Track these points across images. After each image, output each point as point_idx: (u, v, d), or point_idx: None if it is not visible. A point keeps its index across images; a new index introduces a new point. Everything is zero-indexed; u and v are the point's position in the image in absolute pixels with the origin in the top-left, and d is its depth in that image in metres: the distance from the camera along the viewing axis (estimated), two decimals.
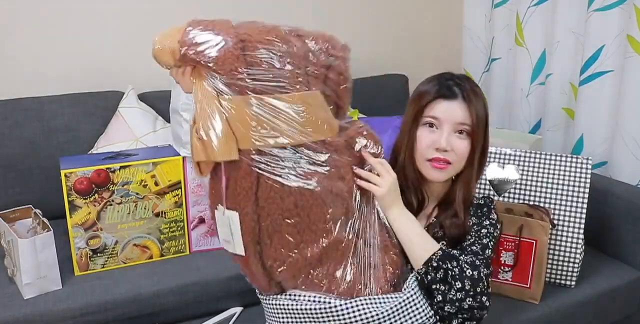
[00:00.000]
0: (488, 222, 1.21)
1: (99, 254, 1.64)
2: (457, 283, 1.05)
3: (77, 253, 1.61)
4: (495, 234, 1.21)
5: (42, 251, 1.48)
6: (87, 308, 1.48)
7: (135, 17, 2.14)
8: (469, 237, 1.19)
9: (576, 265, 1.66)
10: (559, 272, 1.68)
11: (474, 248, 1.16)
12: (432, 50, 2.67)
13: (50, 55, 2.05)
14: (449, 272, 1.05)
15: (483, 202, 1.26)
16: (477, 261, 1.11)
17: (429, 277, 1.07)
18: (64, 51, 2.06)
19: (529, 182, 1.71)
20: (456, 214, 1.19)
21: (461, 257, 1.10)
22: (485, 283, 1.08)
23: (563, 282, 1.68)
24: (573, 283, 1.68)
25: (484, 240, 1.18)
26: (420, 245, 1.09)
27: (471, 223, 1.21)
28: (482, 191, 1.73)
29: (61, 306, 1.47)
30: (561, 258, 1.66)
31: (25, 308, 1.45)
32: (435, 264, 1.06)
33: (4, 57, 1.99)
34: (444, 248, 1.11)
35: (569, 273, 1.67)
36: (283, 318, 1.07)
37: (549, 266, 1.67)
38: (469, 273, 1.06)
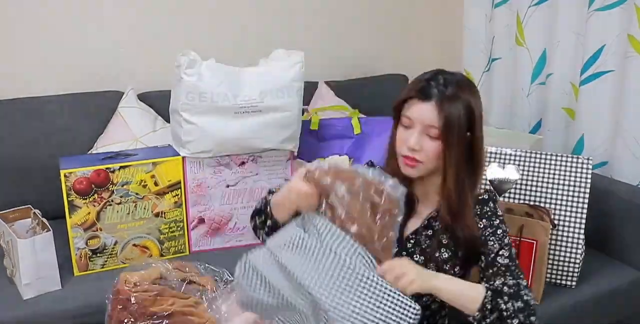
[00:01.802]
0: (498, 221, 1.22)
1: (98, 255, 1.64)
2: (514, 320, 1.09)
3: (76, 253, 1.61)
4: (508, 230, 1.23)
5: (42, 252, 1.48)
6: (87, 308, 1.48)
7: (135, 18, 2.14)
8: (490, 242, 1.19)
9: (576, 265, 1.66)
10: (559, 272, 1.67)
11: (503, 259, 1.17)
12: (432, 50, 2.67)
13: (50, 55, 2.05)
14: (504, 312, 1.09)
15: (487, 197, 1.25)
16: (515, 282, 1.13)
17: (487, 320, 1.10)
18: (64, 51, 2.06)
19: (529, 182, 1.71)
20: (452, 219, 1.19)
21: (504, 288, 1.12)
22: (532, 302, 1.12)
23: (563, 282, 1.68)
24: (573, 283, 1.68)
25: (505, 240, 1.19)
26: (469, 296, 1.11)
27: (482, 226, 1.20)
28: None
29: (60, 306, 1.47)
30: (561, 258, 1.66)
31: (24, 308, 1.45)
32: (489, 306, 1.09)
33: (4, 57, 1.99)
34: (486, 285, 1.13)
35: (569, 273, 1.67)
36: None
37: (550, 266, 1.66)
38: (520, 305, 1.10)
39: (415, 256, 1.21)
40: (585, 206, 1.65)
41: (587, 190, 1.65)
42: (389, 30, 2.59)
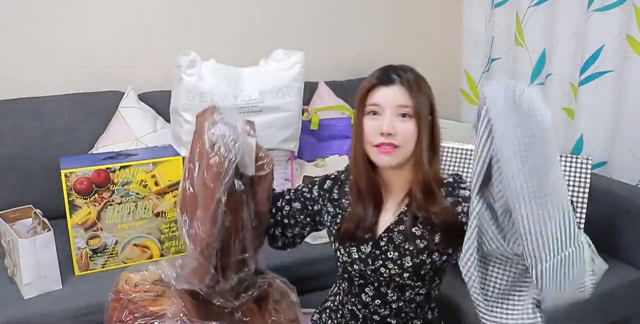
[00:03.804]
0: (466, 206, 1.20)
1: (99, 254, 1.64)
2: None
3: (77, 253, 1.61)
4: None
5: (42, 251, 1.48)
6: (87, 308, 1.48)
7: (135, 18, 2.14)
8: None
9: None
10: None
11: None
12: (432, 50, 2.67)
13: (50, 55, 2.05)
14: None
15: (452, 179, 1.25)
16: None
17: None
18: (64, 51, 2.06)
19: None
20: (425, 198, 1.18)
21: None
22: None
23: None
24: None
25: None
26: None
27: (447, 205, 1.19)
28: None
29: (61, 306, 1.47)
30: None
31: (25, 308, 1.45)
32: None
33: (4, 57, 1.99)
34: None
35: None
36: None
37: None
38: None
39: (389, 253, 1.21)
40: (585, 205, 1.66)
41: (587, 190, 1.66)
42: (389, 31, 2.59)
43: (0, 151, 1.86)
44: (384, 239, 1.22)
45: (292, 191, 1.37)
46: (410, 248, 1.19)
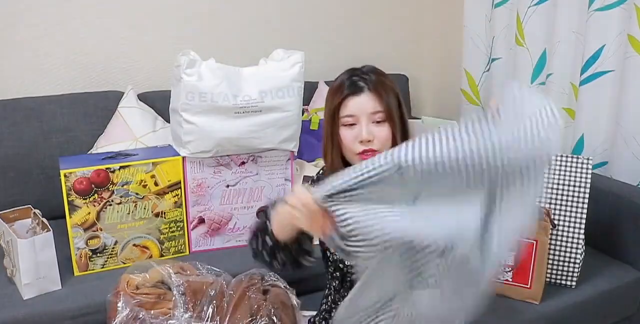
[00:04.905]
0: None
1: (98, 255, 1.64)
2: None
3: (76, 253, 1.61)
4: None
5: (42, 251, 1.48)
6: (87, 308, 1.48)
7: (136, 17, 2.14)
8: None
9: (576, 265, 1.66)
10: (559, 272, 1.67)
11: None
12: (432, 50, 2.67)
13: (50, 55, 2.05)
14: None
15: None
16: None
17: None
18: (63, 51, 2.06)
19: None
20: None
21: None
22: None
23: (563, 282, 1.68)
24: (573, 283, 1.68)
25: None
26: None
27: None
28: None
29: (60, 306, 1.47)
30: (561, 258, 1.66)
31: (24, 308, 1.45)
32: None
33: (4, 57, 1.99)
34: None
35: (569, 273, 1.67)
36: None
37: (549, 266, 1.66)
38: None
39: None
40: (585, 206, 1.66)
41: (587, 190, 1.65)
42: (389, 31, 2.59)
43: (0, 151, 1.86)
44: None
45: None
46: None
